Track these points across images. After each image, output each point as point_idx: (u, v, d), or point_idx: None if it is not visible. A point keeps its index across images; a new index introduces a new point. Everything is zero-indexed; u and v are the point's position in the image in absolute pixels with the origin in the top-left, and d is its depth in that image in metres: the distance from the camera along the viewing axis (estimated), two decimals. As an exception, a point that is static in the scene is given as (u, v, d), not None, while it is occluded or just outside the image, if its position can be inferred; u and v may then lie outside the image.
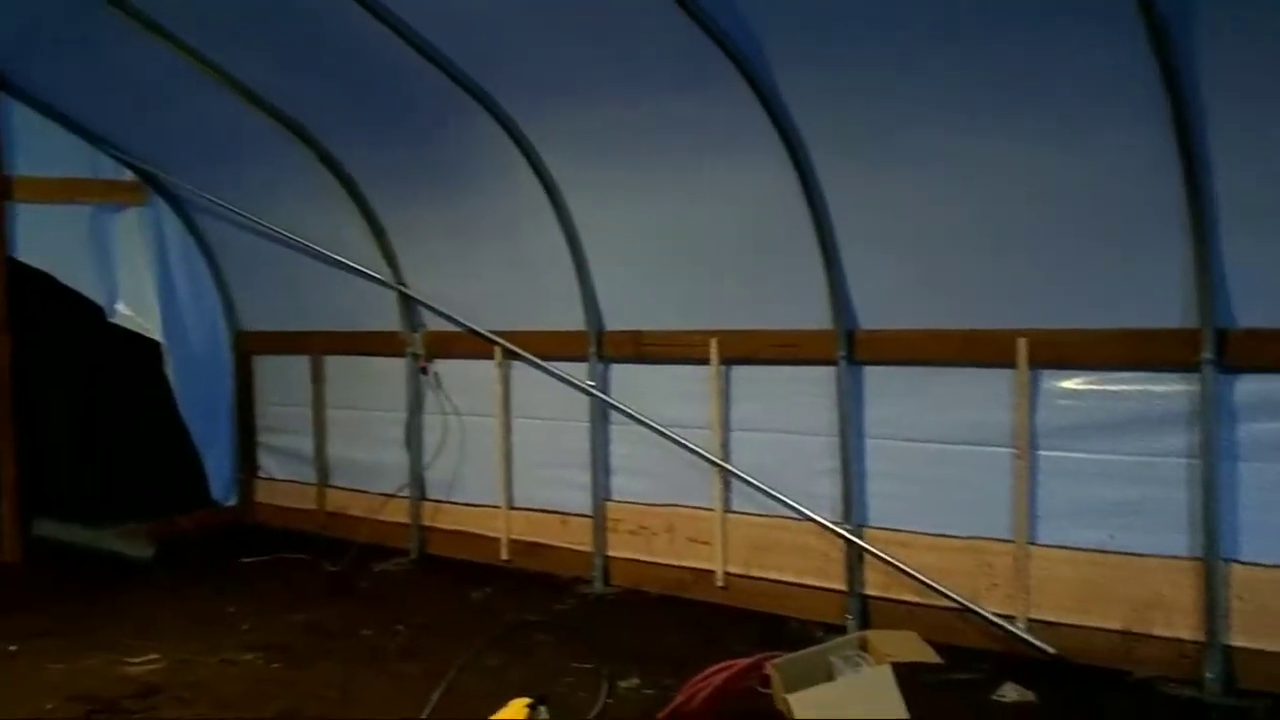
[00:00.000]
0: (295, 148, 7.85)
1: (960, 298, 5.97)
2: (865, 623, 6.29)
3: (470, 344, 7.97)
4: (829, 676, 4.64)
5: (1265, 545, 5.28)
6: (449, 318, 8.06)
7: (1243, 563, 5.32)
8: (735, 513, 6.93)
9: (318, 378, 9.21)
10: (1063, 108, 5.30)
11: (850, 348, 6.32)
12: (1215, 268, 5.20)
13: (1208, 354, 5.26)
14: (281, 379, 9.51)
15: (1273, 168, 5.00)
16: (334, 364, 9.15)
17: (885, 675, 4.48)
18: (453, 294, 8.07)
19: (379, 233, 8.21)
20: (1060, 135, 5.38)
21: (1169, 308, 5.35)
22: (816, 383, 6.48)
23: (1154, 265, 5.36)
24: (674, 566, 7.19)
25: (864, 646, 4.84)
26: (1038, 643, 5.72)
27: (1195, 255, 5.19)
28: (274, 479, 9.70)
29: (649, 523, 7.31)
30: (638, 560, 7.36)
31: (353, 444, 9.01)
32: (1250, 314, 5.24)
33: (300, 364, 9.30)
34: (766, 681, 4.86)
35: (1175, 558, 5.46)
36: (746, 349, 6.80)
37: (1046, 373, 5.81)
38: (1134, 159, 5.22)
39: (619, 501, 7.48)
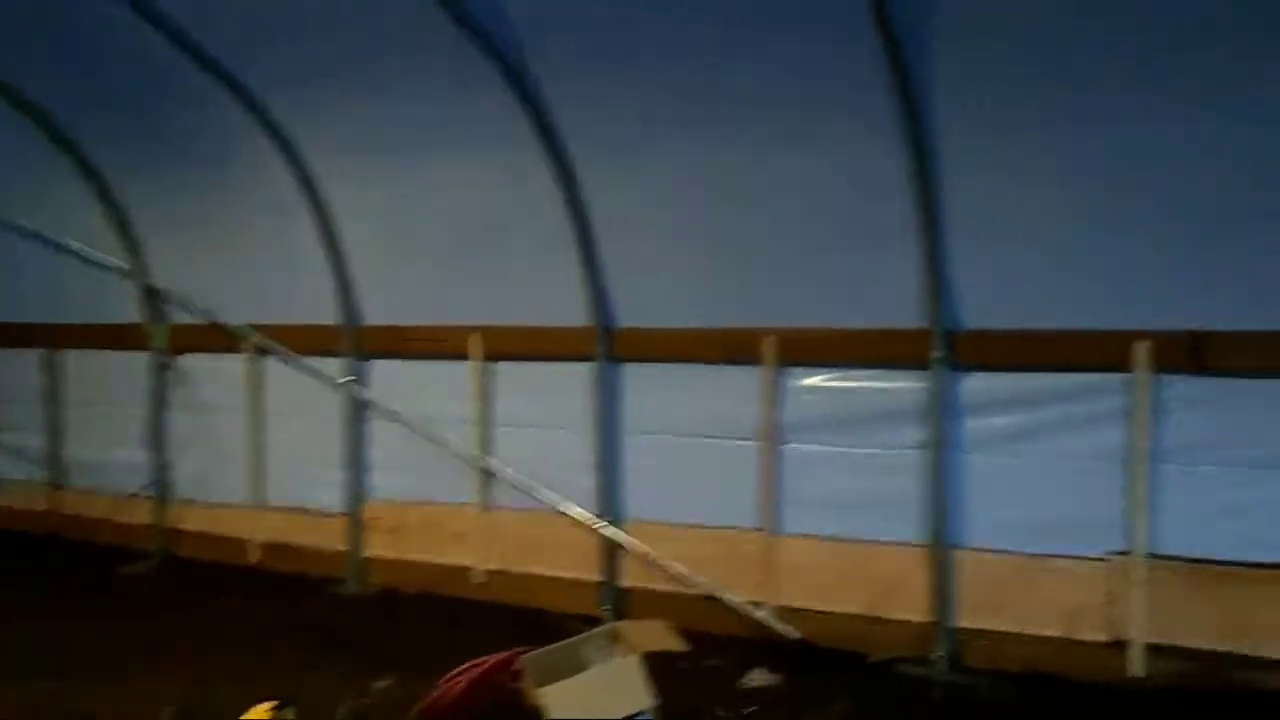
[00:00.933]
0: (31, 132, 7.35)
1: (714, 297, 6.16)
2: (623, 614, 6.39)
3: (221, 338, 7.65)
4: (580, 669, 4.67)
5: (988, 532, 5.66)
6: (196, 310, 7.71)
7: (969, 549, 5.69)
8: (496, 508, 6.91)
9: (52, 372, 8.63)
10: (805, 121, 5.56)
11: (609, 345, 6.40)
12: (945, 272, 5.54)
13: (938, 353, 5.59)
14: (12, 373, 8.86)
15: (998, 179, 5.35)
16: (71, 358, 8.60)
17: (633, 666, 4.56)
18: (205, 286, 7.73)
19: (123, 222, 7.79)
20: (804, 146, 5.62)
21: (904, 309, 5.65)
22: (577, 379, 6.54)
23: (891, 269, 5.64)
24: (433, 564, 7.11)
25: (614, 638, 4.90)
26: (783, 628, 5.98)
27: (926, 261, 5.49)
28: (3, 479, 9.00)
29: (408, 520, 7.21)
30: (396, 559, 7.24)
31: (92, 442, 8.51)
32: (977, 315, 5.60)
33: (33, 358, 8.69)
34: (520, 676, 4.85)
35: (910, 544, 5.79)
36: (509, 345, 6.80)
37: (792, 370, 6.04)
38: (872, 170, 5.49)
39: (377, 499, 7.34)
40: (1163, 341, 5.23)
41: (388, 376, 7.24)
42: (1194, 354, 5.21)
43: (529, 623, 6.34)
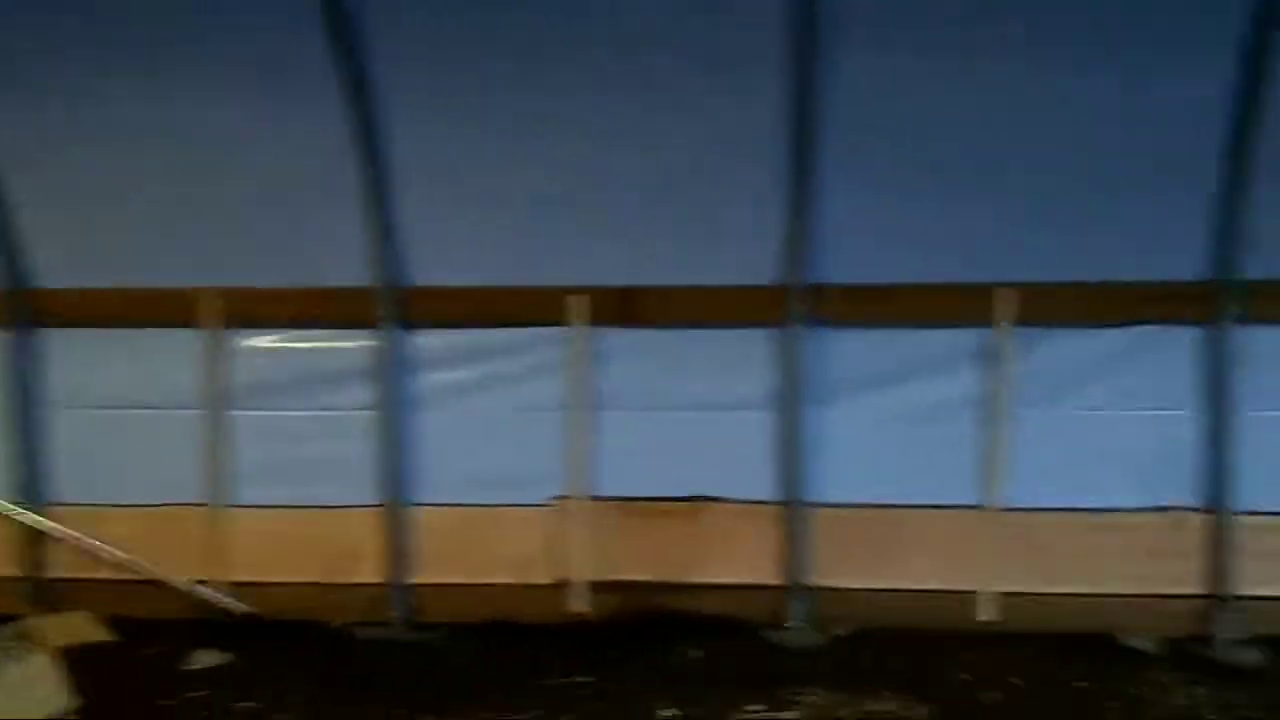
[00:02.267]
0: None
1: (148, 253, 5.67)
2: (55, 608, 5.75)
3: None
4: (-16, 674, 4.15)
5: (442, 488, 5.74)
6: None
7: (424, 505, 5.73)
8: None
9: None
10: (246, 75, 5.31)
11: (23, 308, 5.72)
12: (392, 230, 5.50)
13: (387, 310, 5.53)
14: None
15: (443, 140, 5.39)
16: None
17: (44, 664, 4.10)
18: None
19: None
20: (245, 99, 5.36)
21: (352, 266, 5.53)
22: (-13, 350, 5.78)
23: (336, 226, 5.50)
24: None
25: (24, 636, 4.40)
26: (232, 604, 5.70)
27: (373, 218, 5.43)
28: None
29: None
30: None
31: None
32: (425, 272, 5.60)
33: None
34: (-92, 693, 4.22)
35: (365, 506, 5.72)
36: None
37: (237, 332, 5.74)
38: (319, 133, 5.32)
39: None
40: (596, 296, 5.53)
41: None
42: (625, 307, 5.54)
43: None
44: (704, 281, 5.47)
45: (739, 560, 5.59)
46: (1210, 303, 5.34)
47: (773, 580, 5.59)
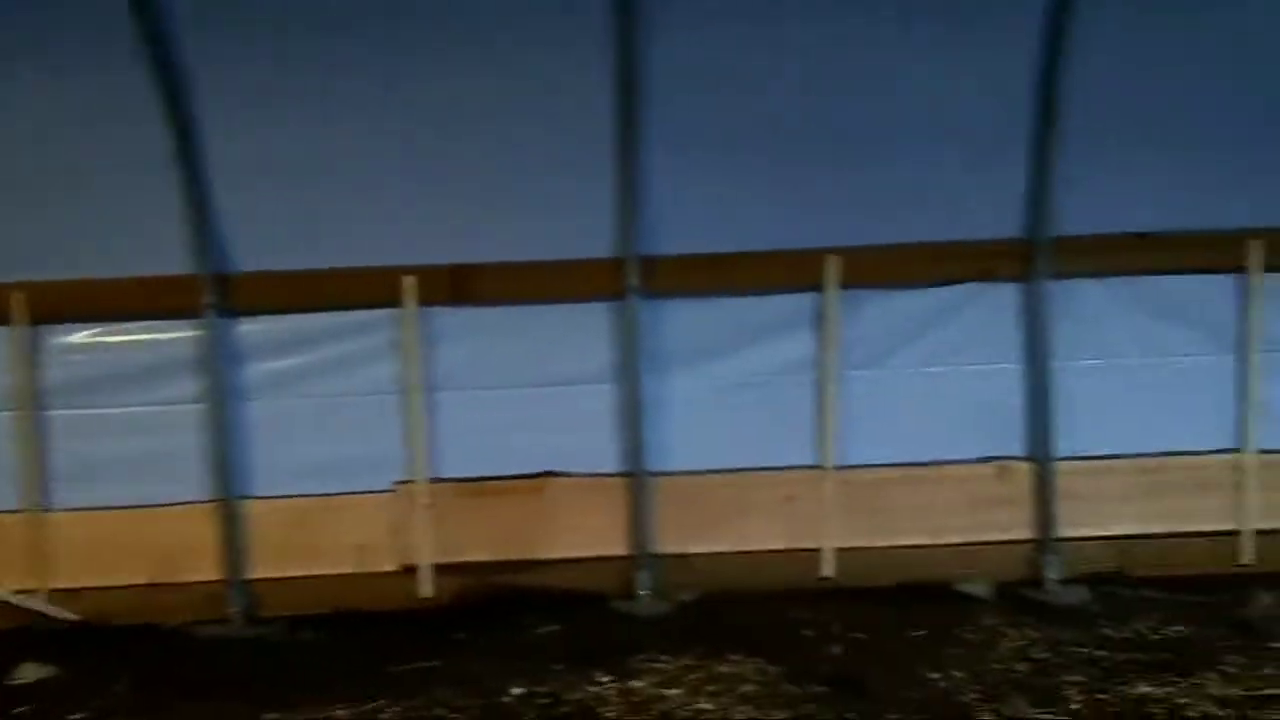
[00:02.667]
0: None
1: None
2: None
3: None
4: None
5: (277, 479, 5.58)
6: None
7: (258, 498, 5.58)
8: None
9: None
10: (55, 70, 5.06)
11: None
12: (212, 213, 5.32)
13: (210, 299, 5.36)
14: None
15: (262, 123, 5.22)
16: None
17: None
18: None
19: None
20: (48, 94, 5.12)
21: (166, 256, 5.32)
22: None
23: (151, 214, 5.28)
24: None
25: None
26: (55, 612, 5.46)
27: (189, 203, 5.24)
28: None
29: None
30: None
31: None
32: (248, 258, 5.43)
33: None
34: None
35: (196, 503, 5.53)
36: None
37: (50, 328, 5.48)
38: (130, 118, 5.10)
39: None
40: (426, 276, 5.45)
41: None
42: (456, 286, 5.48)
43: None
44: (535, 257, 5.43)
45: (586, 533, 5.60)
46: (1027, 259, 5.53)
47: (620, 551, 5.60)
